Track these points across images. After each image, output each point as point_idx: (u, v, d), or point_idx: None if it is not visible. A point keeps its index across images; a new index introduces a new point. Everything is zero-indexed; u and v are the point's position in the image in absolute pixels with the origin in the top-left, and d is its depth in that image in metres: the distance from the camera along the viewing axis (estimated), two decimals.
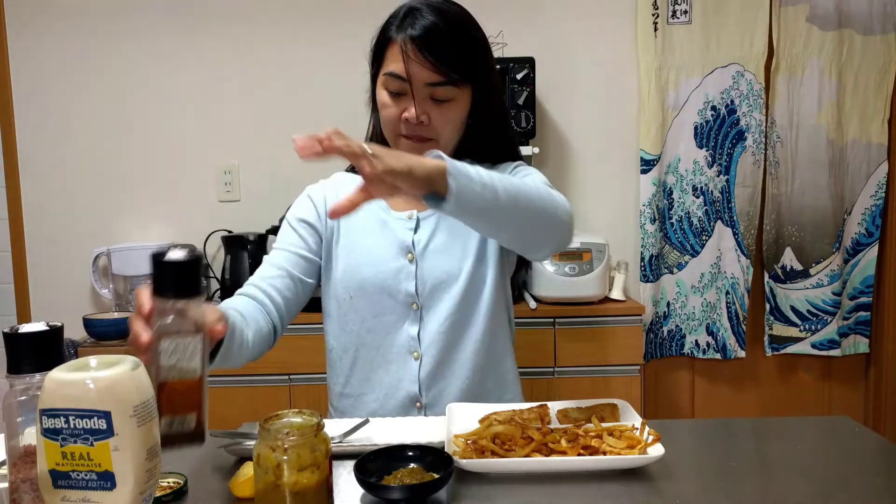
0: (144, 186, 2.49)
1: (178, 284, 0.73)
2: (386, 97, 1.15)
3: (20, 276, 2.50)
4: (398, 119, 1.15)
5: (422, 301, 1.19)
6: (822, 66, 2.35)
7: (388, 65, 1.14)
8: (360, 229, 1.23)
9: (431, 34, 1.10)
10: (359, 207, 0.90)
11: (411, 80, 1.11)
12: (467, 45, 1.14)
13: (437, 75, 1.11)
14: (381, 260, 1.20)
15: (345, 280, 1.21)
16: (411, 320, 1.20)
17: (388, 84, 1.14)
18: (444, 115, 1.15)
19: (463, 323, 1.20)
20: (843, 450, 1.01)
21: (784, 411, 2.53)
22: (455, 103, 1.15)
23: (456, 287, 1.19)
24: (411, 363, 1.19)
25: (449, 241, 1.21)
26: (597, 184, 2.48)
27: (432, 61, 1.10)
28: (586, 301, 2.16)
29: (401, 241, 1.21)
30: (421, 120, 1.13)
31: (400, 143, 1.17)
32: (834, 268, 2.41)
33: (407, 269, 1.19)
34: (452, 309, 1.19)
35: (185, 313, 0.73)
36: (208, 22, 2.43)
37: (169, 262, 0.72)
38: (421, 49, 1.10)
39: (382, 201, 1.23)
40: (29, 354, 0.67)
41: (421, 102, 1.13)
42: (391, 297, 1.19)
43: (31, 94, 2.46)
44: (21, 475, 0.67)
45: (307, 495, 0.75)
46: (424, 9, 1.12)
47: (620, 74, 2.43)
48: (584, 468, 0.90)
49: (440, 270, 1.19)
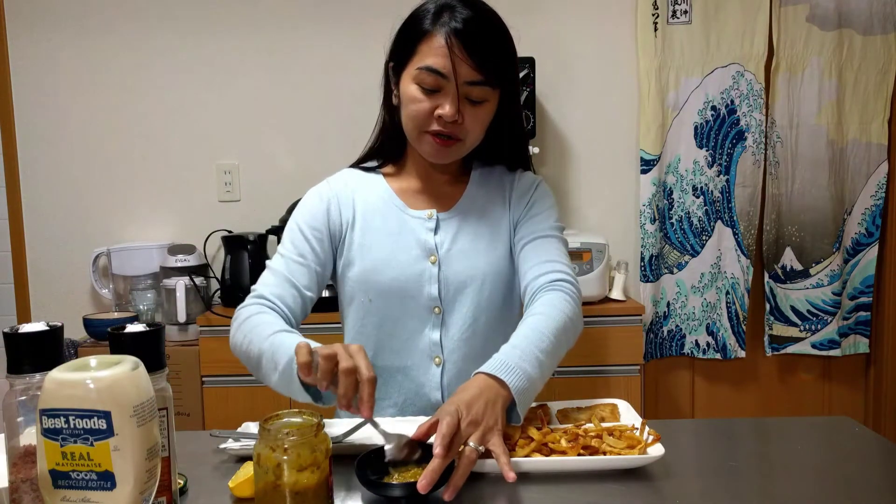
0: (144, 186, 2.49)
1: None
2: (416, 91, 1.10)
3: (20, 276, 2.50)
4: (429, 115, 1.10)
5: (444, 305, 1.16)
6: (822, 66, 2.35)
7: (423, 59, 1.08)
8: (377, 228, 1.19)
9: (476, 31, 1.07)
10: None
11: (457, 77, 1.06)
12: (506, 47, 1.12)
13: (479, 74, 1.07)
14: (402, 262, 1.16)
15: (364, 282, 1.17)
16: (433, 325, 1.17)
17: (422, 79, 1.09)
18: (476, 116, 1.11)
19: (486, 326, 1.17)
20: (843, 450, 1.01)
21: (784, 411, 2.53)
22: (488, 104, 1.12)
23: (479, 290, 1.17)
24: (433, 369, 1.17)
25: (472, 244, 1.18)
26: (597, 184, 2.48)
27: (476, 59, 1.06)
28: (586, 301, 2.14)
29: (422, 242, 1.17)
30: (456, 119, 1.09)
31: (424, 139, 1.13)
32: (834, 268, 2.41)
33: (430, 272, 1.16)
34: (476, 312, 1.17)
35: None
36: (208, 22, 2.43)
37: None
38: (466, 46, 1.06)
39: (400, 200, 1.20)
40: (29, 354, 0.67)
41: (459, 100, 1.09)
42: (413, 301, 1.16)
43: (31, 94, 2.46)
44: (21, 475, 0.67)
45: (307, 495, 0.75)
46: (459, 5, 1.08)
47: (620, 74, 2.43)
48: (584, 468, 0.90)
49: (464, 274, 1.16)
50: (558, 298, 1.09)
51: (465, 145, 1.14)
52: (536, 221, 1.20)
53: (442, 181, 1.23)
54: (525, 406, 0.95)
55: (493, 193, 1.23)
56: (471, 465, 0.84)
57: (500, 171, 1.26)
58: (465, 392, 0.92)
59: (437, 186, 1.23)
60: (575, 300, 1.12)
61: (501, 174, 1.25)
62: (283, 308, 1.12)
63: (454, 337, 1.16)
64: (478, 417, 0.89)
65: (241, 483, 0.85)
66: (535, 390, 0.98)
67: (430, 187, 1.23)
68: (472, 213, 1.21)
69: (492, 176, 1.25)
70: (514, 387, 0.93)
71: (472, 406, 0.89)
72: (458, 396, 0.92)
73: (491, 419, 0.89)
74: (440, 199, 1.22)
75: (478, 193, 1.23)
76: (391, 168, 1.26)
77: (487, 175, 1.25)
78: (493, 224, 1.21)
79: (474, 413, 0.89)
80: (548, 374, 1.01)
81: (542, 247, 1.17)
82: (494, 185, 1.24)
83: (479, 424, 0.88)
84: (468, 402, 0.90)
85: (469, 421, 0.87)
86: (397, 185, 1.23)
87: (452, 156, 1.16)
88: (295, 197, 1.30)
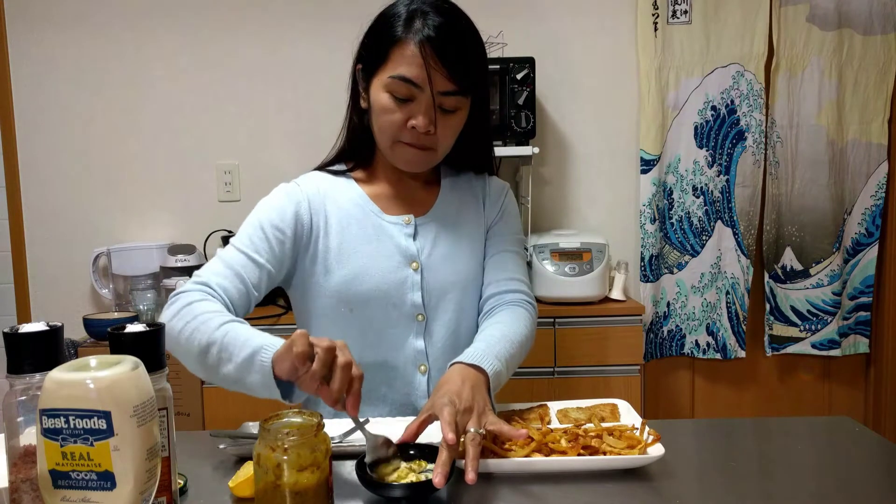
0: (144, 186, 2.49)
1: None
2: (388, 101, 1.06)
3: (20, 276, 2.50)
4: (402, 126, 1.07)
5: (427, 312, 1.15)
6: (822, 65, 2.35)
7: (395, 67, 1.04)
8: (354, 235, 1.15)
9: (449, 39, 1.03)
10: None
11: (432, 87, 1.03)
12: (478, 54, 1.10)
13: (453, 84, 1.05)
14: (384, 269, 1.13)
15: (343, 292, 1.12)
16: (416, 332, 1.15)
17: (394, 88, 1.05)
18: (448, 125, 1.09)
19: (468, 331, 1.17)
20: (843, 450, 1.01)
21: (784, 411, 2.53)
22: (460, 113, 1.10)
23: (461, 295, 1.17)
24: (418, 377, 1.15)
25: (453, 249, 1.17)
26: (597, 184, 2.48)
27: (450, 69, 1.03)
28: (586, 301, 2.16)
29: (403, 248, 1.15)
30: (429, 130, 1.06)
31: (397, 149, 1.11)
32: (834, 268, 2.41)
33: (412, 279, 1.14)
34: (458, 318, 1.16)
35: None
36: (208, 22, 2.43)
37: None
38: (440, 55, 1.02)
39: (375, 205, 1.18)
40: (29, 354, 0.67)
41: (431, 111, 1.06)
42: (395, 309, 1.13)
43: (32, 94, 2.46)
44: (21, 475, 0.67)
45: (307, 495, 0.75)
46: (432, 10, 1.04)
47: (620, 74, 2.43)
48: (584, 468, 0.89)
49: (446, 279, 1.15)
50: (522, 314, 1.15)
51: (438, 154, 1.13)
52: (504, 233, 1.24)
53: (414, 186, 1.22)
54: (493, 392, 1.01)
55: (465, 198, 1.24)
56: (479, 447, 0.86)
57: (469, 175, 1.26)
58: (450, 383, 0.95)
59: (411, 191, 1.21)
60: (534, 319, 1.18)
61: (470, 178, 1.26)
62: (227, 301, 1.05)
63: (438, 344, 1.16)
64: (469, 404, 0.92)
65: (241, 482, 0.85)
66: (499, 384, 1.03)
67: (403, 192, 1.21)
68: (447, 217, 1.20)
69: (461, 181, 1.26)
70: (490, 372, 0.99)
71: (461, 394, 0.92)
72: (444, 388, 0.94)
73: (481, 402, 0.94)
74: (414, 204, 1.20)
75: (451, 198, 1.23)
76: (361, 173, 1.22)
77: (457, 180, 1.25)
78: (470, 228, 1.21)
79: (465, 400, 0.92)
80: (508, 376, 1.07)
81: (509, 262, 1.21)
82: (466, 190, 1.25)
83: (472, 410, 0.92)
84: (456, 391, 0.93)
85: (463, 409, 0.90)
86: (370, 189, 1.20)
87: (425, 165, 1.15)
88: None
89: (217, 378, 0.98)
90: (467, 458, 0.84)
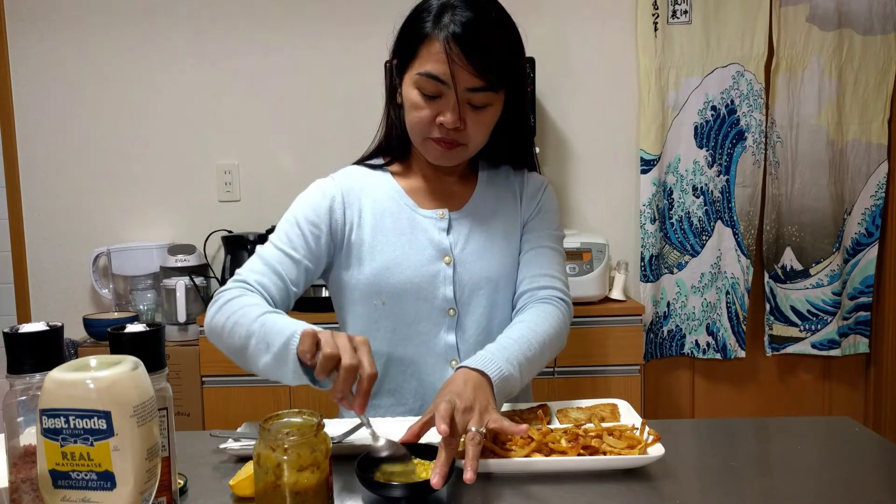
0: (144, 186, 2.49)
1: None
2: (418, 98, 1.07)
3: (20, 276, 2.50)
4: (431, 122, 1.08)
5: (459, 307, 1.14)
6: (822, 66, 2.35)
7: (423, 64, 1.05)
8: (387, 228, 1.15)
9: (476, 35, 1.02)
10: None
11: (456, 84, 1.03)
12: (509, 47, 1.08)
13: (480, 80, 1.04)
14: (416, 263, 1.13)
15: (376, 284, 1.13)
16: (447, 327, 1.14)
17: (422, 85, 1.06)
18: (479, 121, 1.09)
19: (500, 327, 1.15)
20: (843, 450, 1.01)
21: (784, 411, 2.53)
22: (492, 108, 1.09)
23: (494, 291, 1.16)
24: (449, 373, 1.13)
25: (487, 244, 1.17)
26: (597, 184, 2.48)
27: (476, 65, 1.02)
28: (586, 301, 2.15)
29: (436, 242, 1.15)
30: (457, 125, 1.06)
31: (427, 144, 1.11)
32: (834, 268, 2.41)
33: (444, 273, 1.14)
34: (490, 313, 1.16)
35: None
36: (209, 22, 2.43)
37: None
38: (466, 52, 1.02)
39: (410, 199, 1.18)
40: (29, 354, 0.67)
41: (459, 107, 1.06)
42: (427, 303, 1.13)
43: (32, 94, 2.46)
44: (21, 475, 0.67)
45: (307, 495, 0.75)
46: (461, 5, 1.04)
47: (620, 74, 2.43)
48: (584, 468, 0.89)
49: (479, 275, 1.15)
50: (551, 312, 1.12)
51: (469, 149, 1.13)
52: (542, 228, 1.22)
53: (450, 181, 1.22)
54: (501, 399, 0.98)
55: (502, 193, 1.23)
56: (479, 446, 0.85)
57: (507, 170, 1.25)
58: (452, 384, 0.95)
59: (446, 186, 1.22)
60: (566, 317, 1.15)
61: (508, 174, 1.25)
62: (267, 297, 1.07)
63: (470, 340, 1.15)
64: (470, 403, 0.91)
65: (241, 481, 0.85)
66: (511, 389, 1.01)
67: (438, 186, 1.21)
68: (483, 212, 1.20)
69: (499, 175, 1.25)
70: (494, 377, 0.97)
71: (462, 394, 0.92)
72: (445, 389, 0.94)
73: (483, 401, 0.93)
74: (450, 198, 1.20)
75: (488, 193, 1.22)
76: (398, 166, 1.23)
77: (494, 174, 1.25)
78: (506, 224, 1.20)
79: (466, 399, 0.91)
80: (526, 379, 1.04)
81: (543, 258, 1.19)
82: (503, 185, 1.24)
83: (473, 409, 0.91)
84: (458, 392, 0.92)
85: (463, 408, 0.90)
86: (406, 183, 1.20)
87: (456, 159, 1.14)
88: (295, 196, 1.29)
89: (259, 370, 1.00)
90: (466, 458, 0.83)
